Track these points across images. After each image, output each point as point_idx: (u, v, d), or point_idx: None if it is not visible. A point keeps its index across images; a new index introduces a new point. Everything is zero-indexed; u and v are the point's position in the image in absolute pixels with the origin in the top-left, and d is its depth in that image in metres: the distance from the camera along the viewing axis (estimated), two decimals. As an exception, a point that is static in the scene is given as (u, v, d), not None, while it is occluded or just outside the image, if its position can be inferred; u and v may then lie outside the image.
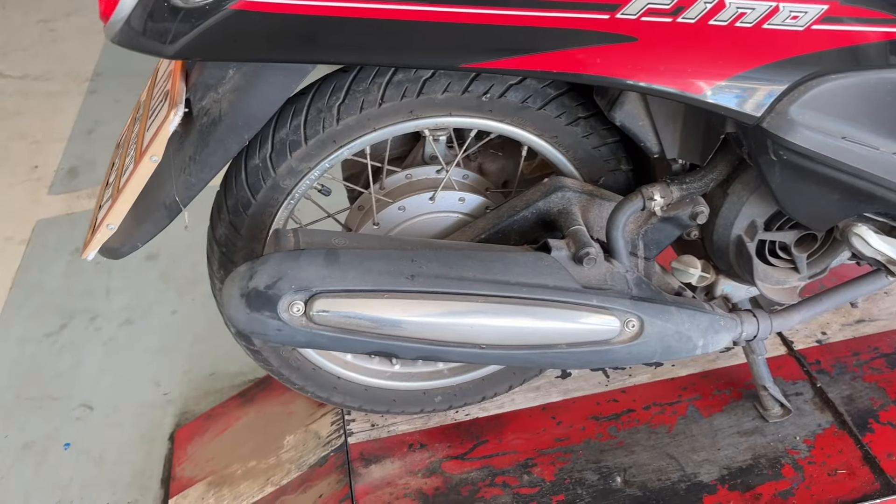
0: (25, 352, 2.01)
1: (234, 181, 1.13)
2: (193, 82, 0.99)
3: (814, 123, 0.94)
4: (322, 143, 1.10)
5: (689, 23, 0.84)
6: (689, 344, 1.10)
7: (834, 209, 1.06)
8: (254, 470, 1.60)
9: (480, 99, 1.08)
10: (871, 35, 0.89)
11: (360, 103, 1.07)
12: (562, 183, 1.15)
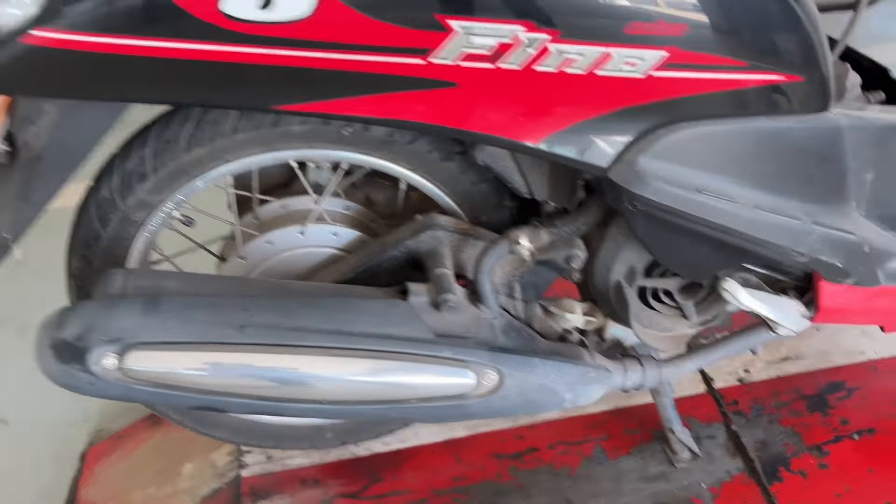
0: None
1: (83, 214, 1.07)
2: (18, 116, 0.93)
3: (665, 175, 0.87)
4: (172, 175, 1.04)
5: (513, 69, 0.77)
6: (555, 397, 1.03)
7: (706, 261, 0.99)
8: (153, 498, 1.55)
9: (341, 132, 1.02)
10: (719, 83, 0.81)
11: (209, 134, 1.01)
12: (434, 221, 1.08)
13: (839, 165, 0.97)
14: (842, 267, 0.98)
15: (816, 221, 0.95)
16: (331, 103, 0.81)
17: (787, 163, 0.93)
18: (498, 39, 0.75)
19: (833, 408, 1.44)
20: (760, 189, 0.91)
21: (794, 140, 0.91)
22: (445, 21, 0.74)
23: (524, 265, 1.09)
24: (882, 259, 1.01)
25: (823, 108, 0.92)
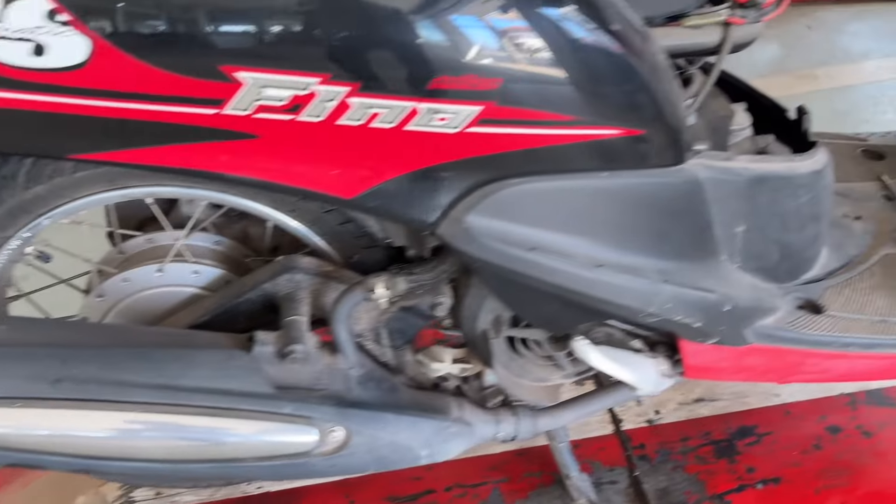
0: None
1: None
2: None
3: (494, 233, 0.81)
4: (12, 213, 0.99)
5: (314, 121, 0.72)
6: (410, 454, 0.98)
7: (561, 316, 0.93)
8: None
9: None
10: (545, 138, 0.76)
11: (48, 172, 0.96)
12: (293, 263, 1.03)
13: (701, 219, 0.91)
14: (699, 327, 0.92)
15: (668, 280, 0.89)
16: (130, 153, 0.75)
17: (634, 219, 0.87)
18: (292, 92, 0.70)
19: (741, 454, 1.39)
20: (603, 247, 0.86)
21: (640, 195, 0.86)
22: (232, 74, 0.68)
23: (388, 311, 1.04)
24: (750, 317, 0.96)
25: (677, 162, 0.86)
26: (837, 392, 1.47)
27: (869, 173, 1.36)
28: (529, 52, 0.72)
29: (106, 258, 1.14)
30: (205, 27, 0.67)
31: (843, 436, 1.40)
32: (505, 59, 0.71)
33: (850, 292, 1.09)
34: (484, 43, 0.70)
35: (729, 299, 0.93)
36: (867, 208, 1.28)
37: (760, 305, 0.97)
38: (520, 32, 0.71)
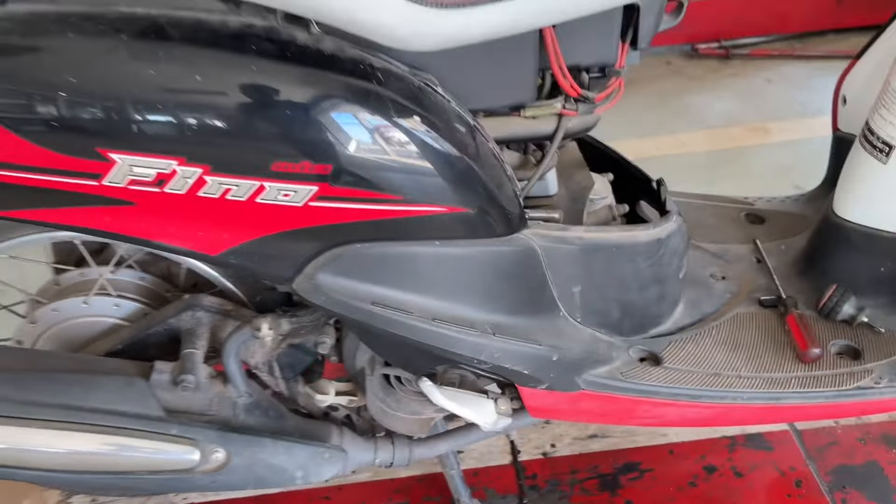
0: None
1: None
2: None
3: (341, 289, 0.96)
4: None
5: (178, 194, 0.87)
6: (285, 475, 1.12)
7: (415, 358, 1.08)
8: None
9: None
10: (378, 212, 0.91)
11: None
12: (196, 301, 1.18)
13: (536, 281, 1.06)
14: (528, 374, 1.06)
15: (498, 333, 1.03)
16: (28, 213, 0.91)
17: (467, 280, 1.01)
18: (157, 170, 0.85)
19: (622, 488, 1.52)
20: (438, 303, 1.00)
21: (472, 261, 1.00)
22: (107, 154, 0.84)
23: (279, 347, 1.18)
24: (580, 367, 1.10)
25: (509, 232, 1.01)
26: (720, 435, 1.60)
27: (746, 236, 1.49)
28: (356, 144, 0.87)
29: (42, 289, 1.29)
30: (83, 116, 0.82)
31: (717, 475, 1.52)
32: (334, 150, 0.86)
33: (693, 347, 1.23)
34: (315, 135, 0.85)
35: (558, 350, 1.07)
36: (735, 269, 1.41)
37: (593, 356, 1.11)
38: (347, 127, 0.86)
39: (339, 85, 0.85)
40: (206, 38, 0.82)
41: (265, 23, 0.85)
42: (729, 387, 1.16)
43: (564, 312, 1.10)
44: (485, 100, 1.00)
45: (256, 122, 0.83)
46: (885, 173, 1.22)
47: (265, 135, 0.84)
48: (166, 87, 0.81)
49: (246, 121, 0.83)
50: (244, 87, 0.82)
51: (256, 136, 0.84)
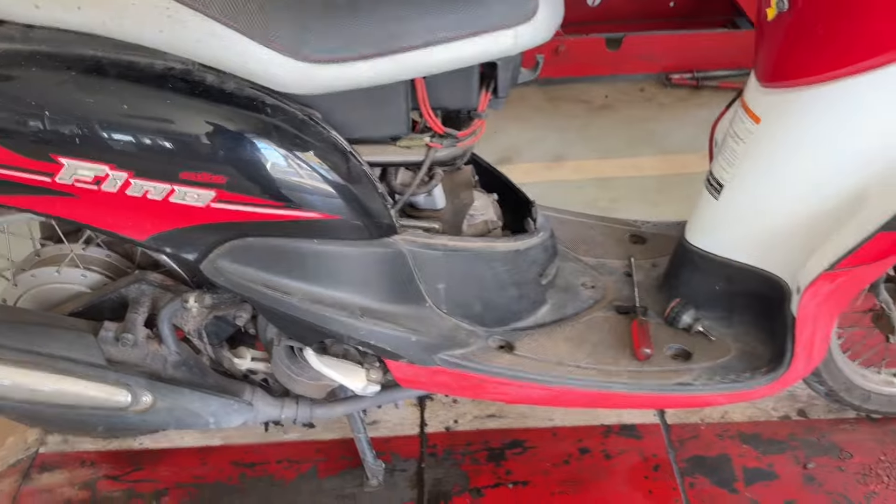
0: None
1: None
2: None
3: (238, 273, 1.24)
4: None
5: (111, 192, 1.16)
6: (200, 419, 1.41)
7: (302, 333, 1.36)
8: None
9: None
10: (264, 215, 1.19)
11: None
12: (143, 276, 1.47)
13: (403, 277, 1.33)
14: (390, 351, 1.34)
15: (367, 316, 1.31)
16: (6, 199, 1.20)
17: (344, 271, 1.29)
18: (95, 173, 1.14)
19: (506, 460, 1.78)
20: (318, 288, 1.28)
21: (347, 257, 1.28)
22: (58, 158, 1.13)
23: (206, 318, 1.47)
24: (436, 348, 1.37)
25: (381, 237, 1.28)
26: (599, 423, 1.86)
27: (625, 254, 1.75)
28: (246, 161, 1.15)
29: (25, 259, 1.59)
30: (41, 129, 1.12)
31: (588, 456, 1.78)
32: (228, 165, 1.15)
33: (545, 340, 1.49)
34: (213, 153, 1.14)
35: (417, 333, 1.34)
36: (605, 280, 1.67)
37: (452, 340, 1.38)
38: (239, 147, 1.14)
39: (234, 115, 1.13)
40: (135, 76, 1.11)
41: (184, 66, 1.14)
42: (566, 374, 1.42)
43: (431, 304, 1.37)
44: (365, 131, 1.27)
45: (168, 141, 1.12)
46: (717, 208, 1.47)
47: (175, 150, 1.12)
48: (102, 111, 1.10)
49: (161, 139, 1.11)
50: (160, 115, 1.11)
51: (168, 151, 1.12)
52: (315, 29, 1.11)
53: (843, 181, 1.28)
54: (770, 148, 1.35)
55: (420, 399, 1.92)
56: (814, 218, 1.33)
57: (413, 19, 1.13)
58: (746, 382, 1.44)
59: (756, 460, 1.75)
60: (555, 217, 1.80)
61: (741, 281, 1.48)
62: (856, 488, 1.69)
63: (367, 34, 1.11)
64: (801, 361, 1.42)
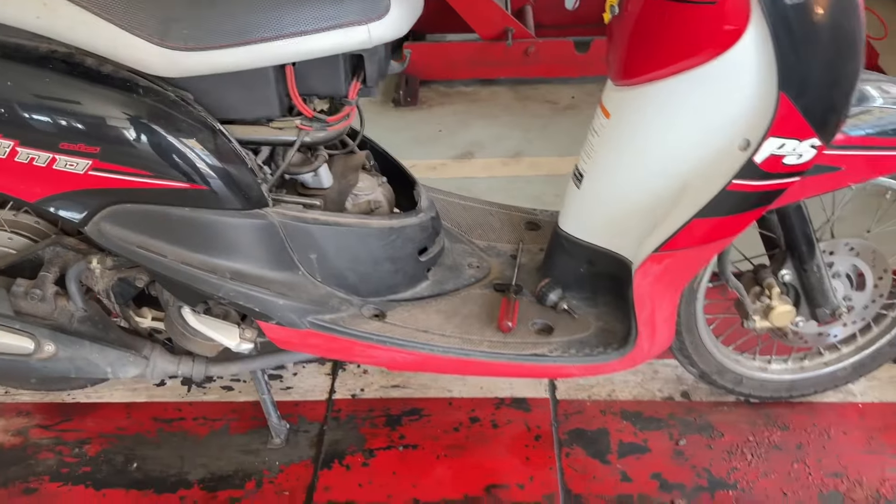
0: None
1: None
2: None
3: (118, 235, 1.40)
4: None
5: (1, 158, 1.33)
6: (99, 369, 1.57)
7: (183, 293, 1.51)
8: None
9: None
10: (137, 183, 1.35)
11: None
12: (59, 240, 1.63)
13: (276, 246, 1.48)
14: (259, 312, 1.49)
15: (235, 279, 1.46)
16: None
17: (215, 236, 1.44)
18: None
19: (402, 426, 1.93)
20: (189, 251, 1.43)
21: (219, 225, 1.43)
22: None
23: (111, 279, 1.63)
24: (304, 312, 1.52)
25: (252, 208, 1.44)
26: (493, 396, 2.00)
27: (517, 238, 1.89)
28: (118, 135, 1.31)
29: None
30: None
31: (478, 425, 1.92)
32: (101, 137, 1.31)
33: (418, 311, 1.63)
34: (88, 127, 1.30)
35: (285, 297, 1.49)
36: (490, 261, 1.81)
37: (324, 306, 1.52)
38: (112, 122, 1.30)
39: (106, 94, 1.29)
40: (20, 57, 1.28)
41: (66, 50, 1.30)
42: (430, 341, 1.56)
43: (304, 272, 1.52)
44: (238, 112, 1.42)
45: (48, 115, 1.28)
46: (579, 196, 1.61)
47: (54, 123, 1.28)
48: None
49: (41, 113, 1.28)
50: (41, 91, 1.27)
51: (49, 124, 1.28)
52: (179, 18, 1.27)
53: (672, 171, 1.41)
54: (616, 141, 1.48)
55: (333, 368, 2.07)
56: (650, 204, 1.46)
57: (266, 13, 1.28)
58: (598, 357, 1.57)
59: (632, 435, 1.87)
60: (459, 203, 1.94)
61: (601, 263, 1.61)
62: (720, 464, 1.81)
63: (223, 25, 1.26)
64: (645, 340, 1.55)
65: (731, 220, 1.37)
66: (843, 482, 1.76)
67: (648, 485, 1.77)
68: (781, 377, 1.88)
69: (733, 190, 1.33)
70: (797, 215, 1.56)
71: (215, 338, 1.51)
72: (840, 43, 1.25)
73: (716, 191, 1.34)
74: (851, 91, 1.30)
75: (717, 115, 1.31)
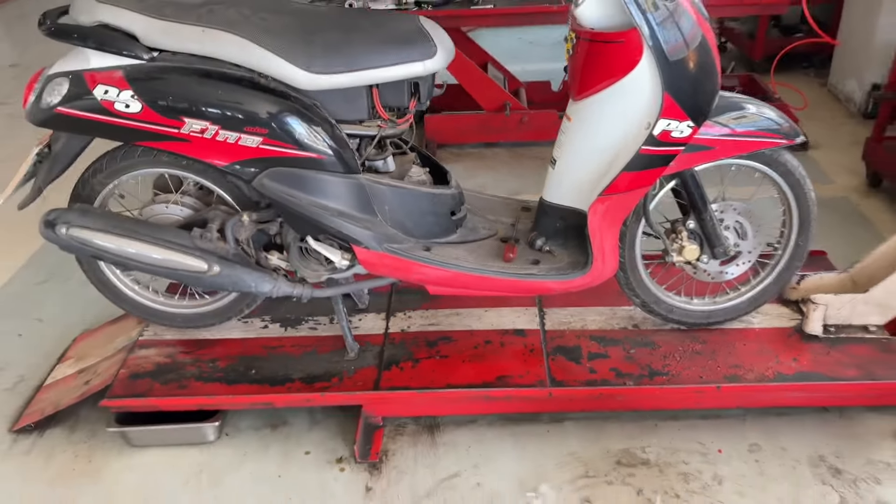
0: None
1: (80, 179, 2.60)
2: (52, 137, 2.49)
3: (272, 188, 2.31)
4: (111, 174, 2.56)
5: (208, 138, 2.26)
6: (246, 284, 2.46)
7: (307, 228, 2.43)
8: (95, 354, 3.02)
9: (181, 161, 2.53)
10: (285, 153, 2.28)
11: (118, 162, 2.53)
12: (216, 207, 2.55)
13: (364, 199, 2.39)
14: (354, 238, 2.40)
15: (341, 217, 2.37)
16: (165, 144, 2.32)
17: (331, 192, 2.34)
18: (201, 126, 2.23)
19: (437, 346, 2.78)
20: (315, 198, 2.33)
21: (334, 182, 2.34)
22: (182, 118, 2.25)
23: (252, 230, 2.55)
24: (383, 241, 2.42)
25: (352, 173, 2.37)
26: (501, 328, 2.86)
27: (515, 216, 2.81)
28: (277, 123, 2.26)
29: (147, 201, 2.70)
30: (174, 103, 2.25)
31: (490, 345, 2.76)
32: (268, 125, 2.25)
33: (451, 249, 2.53)
34: (261, 118, 2.24)
35: (371, 231, 2.40)
36: (497, 227, 2.72)
37: (392, 239, 2.42)
38: (275, 116, 2.25)
39: (272, 98, 2.23)
40: (223, 77, 2.23)
41: (249, 73, 2.26)
42: (458, 262, 2.46)
43: (381, 218, 2.43)
44: (344, 115, 2.35)
45: (238, 110, 2.22)
46: (554, 174, 2.53)
47: (242, 116, 2.23)
48: (206, 94, 2.21)
49: (234, 110, 2.22)
50: (234, 98, 2.22)
51: (237, 116, 2.23)
52: (315, 55, 2.22)
53: (609, 147, 2.33)
54: (576, 134, 2.42)
55: (387, 314, 2.95)
56: (597, 172, 2.38)
57: (364, 54, 2.24)
58: (568, 275, 2.46)
59: (598, 348, 2.73)
60: (476, 195, 2.86)
61: (569, 218, 2.52)
62: (658, 362, 2.66)
63: (339, 60, 2.22)
64: (599, 263, 2.45)
65: (644, 174, 2.29)
66: (740, 370, 2.62)
67: (608, 374, 2.62)
68: (701, 308, 2.76)
69: (643, 153, 2.26)
70: (693, 182, 2.48)
71: (326, 253, 2.40)
72: (701, 70, 2.19)
73: (633, 154, 2.26)
74: (713, 97, 2.24)
75: (631, 109, 2.25)
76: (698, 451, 2.55)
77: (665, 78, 2.14)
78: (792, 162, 2.48)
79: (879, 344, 2.65)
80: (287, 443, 2.67)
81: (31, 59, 6.68)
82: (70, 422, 2.82)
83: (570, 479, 2.47)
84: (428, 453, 2.60)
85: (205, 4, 2.26)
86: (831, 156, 4.45)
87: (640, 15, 2.07)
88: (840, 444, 2.56)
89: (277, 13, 2.26)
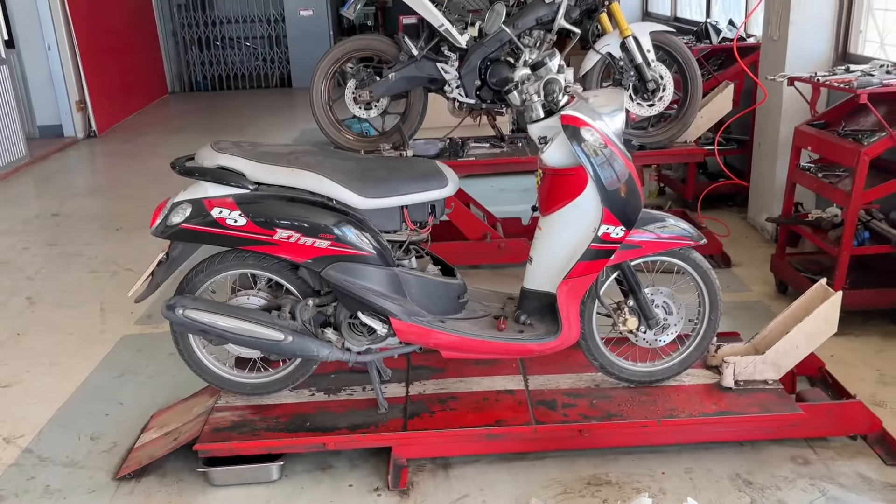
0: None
1: (184, 279, 3.58)
2: (171, 246, 3.49)
3: (335, 277, 3.29)
4: (209, 274, 3.54)
5: (293, 242, 3.26)
6: (310, 351, 3.41)
7: (360, 307, 3.41)
8: (177, 421, 3.88)
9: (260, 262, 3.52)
10: (345, 251, 3.29)
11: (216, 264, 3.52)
12: (286, 295, 3.55)
13: (398, 285, 3.35)
14: (390, 311, 3.36)
15: (381, 297, 3.36)
16: (260, 248, 3.32)
17: (373, 280, 3.33)
18: (288, 235, 3.24)
19: (447, 402, 3.69)
20: (364, 283, 3.33)
21: (376, 272, 3.30)
22: (275, 229, 3.26)
23: (314, 311, 3.50)
24: (411, 315, 3.40)
25: (390, 266, 3.37)
26: (494, 389, 3.80)
27: (504, 302, 3.82)
28: (338, 233, 3.28)
29: (229, 296, 3.68)
30: (269, 220, 3.28)
31: (486, 401, 3.70)
32: (333, 234, 3.24)
33: (458, 322, 3.48)
34: (329, 229, 3.27)
35: (402, 308, 3.37)
36: (490, 309, 3.71)
37: (417, 315, 3.40)
38: (336, 226, 3.29)
39: (335, 215, 3.23)
40: (304, 202, 3.26)
41: (322, 198, 3.28)
42: (464, 330, 3.44)
43: (409, 299, 3.40)
44: (383, 227, 3.38)
45: (313, 224, 3.22)
46: (531, 269, 3.58)
47: (317, 226, 3.21)
48: (294, 214, 3.22)
49: (311, 223, 3.22)
50: (312, 216, 3.22)
51: (315, 227, 3.21)
52: (365, 187, 3.28)
53: (569, 247, 3.36)
54: (545, 240, 3.44)
55: (406, 383, 3.87)
56: (561, 263, 3.40)
57: (400, 184, 3.30)
58: (544, 339, 3.43)
59: (569, 400, 3.64)
60: (474, 289, 3.88)
61: (543, 299, 3.51)
62: (614, 408, 3.59)
63: (383, 188, 3.28)
64: (567, 329, 3.44)
65: (594, 263, 3.31)
66: (675, 411, 3.56)
67: (577, 416, 3.55)
68: (644, 370, 3.73)
69: (592, 248, 3.28)
70: (629, 272, 3.51)
71: (372, 324, 3.35)
72: (629, 193, 3.26)
73: (585, 249, 3.30)
74: (637, 210, 3.31)
75: (583, 219, 3.30)
76: (647, 473, 3.44)
77: (604, 198, 3.22)
78: (699, 258, 3.53)
79: (776, 393, 3.62)
80: (334, 479, 3.50)
81: (70, 209, 7.76)
82: (160, 472, 3.62)
83: (553, 496, 3.33)
84: (443, 482, 3.45)
85: (292, 153, 3.32)
86: (749, 271, 5.56)
87: (586, 158, 3.18)
88: (751, 466, 3.47)
89: (342, 159, 3.34)
